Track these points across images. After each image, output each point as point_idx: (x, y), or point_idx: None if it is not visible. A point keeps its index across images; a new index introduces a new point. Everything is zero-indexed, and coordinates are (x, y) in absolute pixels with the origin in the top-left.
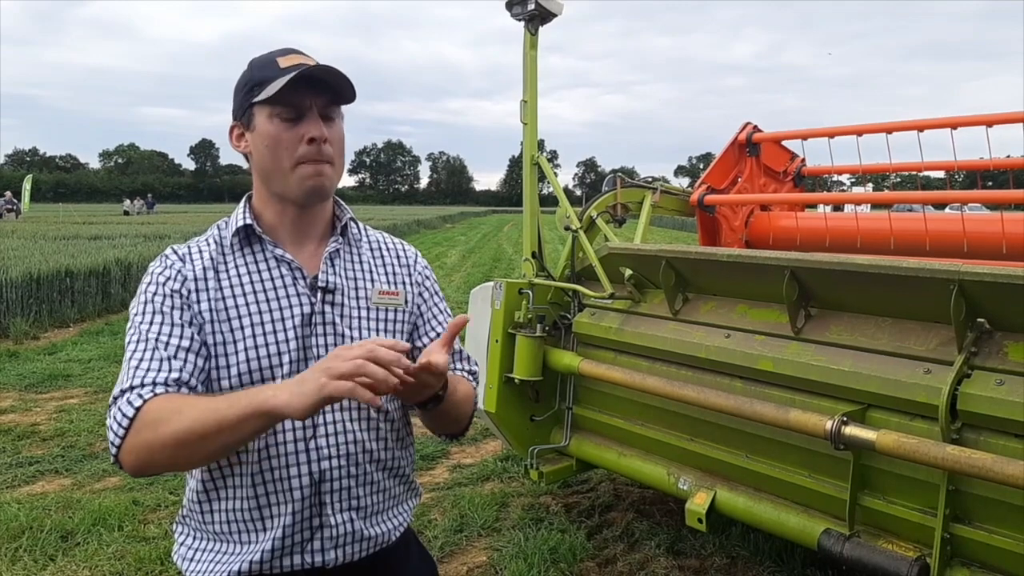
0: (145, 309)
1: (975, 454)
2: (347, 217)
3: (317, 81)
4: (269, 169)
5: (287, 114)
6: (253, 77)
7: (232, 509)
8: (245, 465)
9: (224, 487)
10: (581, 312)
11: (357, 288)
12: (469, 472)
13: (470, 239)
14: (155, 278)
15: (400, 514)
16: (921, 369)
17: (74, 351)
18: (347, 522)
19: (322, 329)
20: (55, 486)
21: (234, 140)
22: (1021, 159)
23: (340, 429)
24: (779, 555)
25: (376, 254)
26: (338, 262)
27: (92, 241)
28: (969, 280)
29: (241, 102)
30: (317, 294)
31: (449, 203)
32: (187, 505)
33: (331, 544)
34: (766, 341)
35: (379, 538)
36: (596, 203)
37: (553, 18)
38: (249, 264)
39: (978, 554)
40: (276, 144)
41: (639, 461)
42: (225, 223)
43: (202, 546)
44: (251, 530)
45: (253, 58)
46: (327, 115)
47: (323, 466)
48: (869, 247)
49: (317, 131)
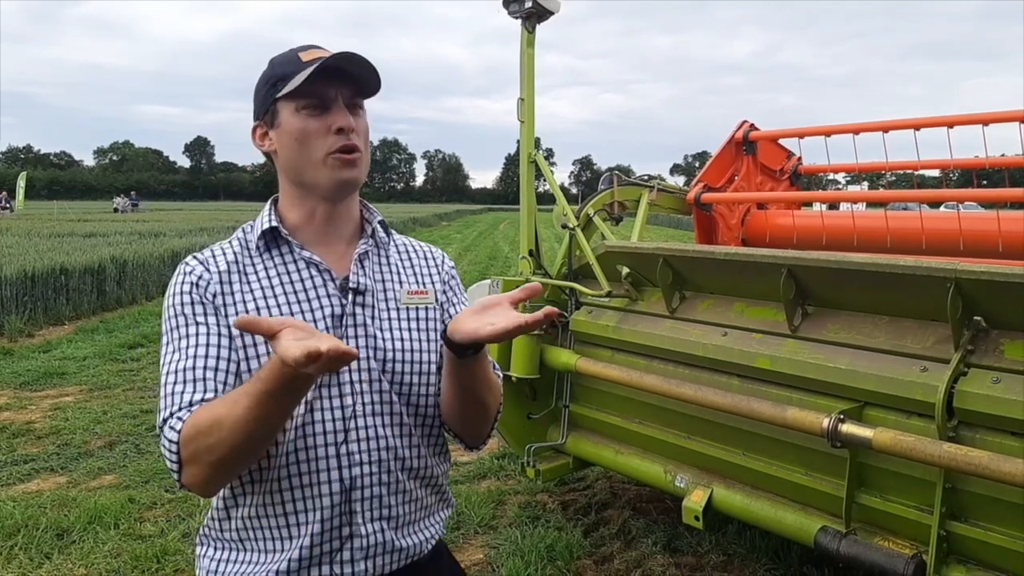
0: (173, 328)
1: (971, 452)
2: (376, 220)
3: (342, 72)
4: (298, 164)
5: (313, 106)
6: (275, 73)
7: (259, 516)
8: (274, 470)
9: (252, 492)
10: (578, 310)
11: (386, 289)
12: (466, 470)
13: (466, 237)
14: (177, 289)
15: (432, 525)
16: (918, 367)
17: (69, 349)
18: (378, 532)
19: (353, 331)
20: (50, 484)
21: (257, 140)
22: (1017, 158)
23: (372, 435)
24: (776, 552)
25: (404, 256)
26: (368, 263)
27: (87, 239)
28: (965, 278)
29: (264, 100)
30: (348, 295)
31: (445, 201)
32: (211, 515)
33: (361, 555)
34: (763, 339)
35: (411, 550)
36: (593, 201)
37: (550, 16)
38: (278, 266)
39: (974, 551)
40: (304, 136)
41: (636, 459)
42: (251, 226)
43: (226, 556)
44: (278, 537)
45: (273, 56)
46: (353, 104)
47: (354, 472)
48: (865, 245)
49: (344, 121)
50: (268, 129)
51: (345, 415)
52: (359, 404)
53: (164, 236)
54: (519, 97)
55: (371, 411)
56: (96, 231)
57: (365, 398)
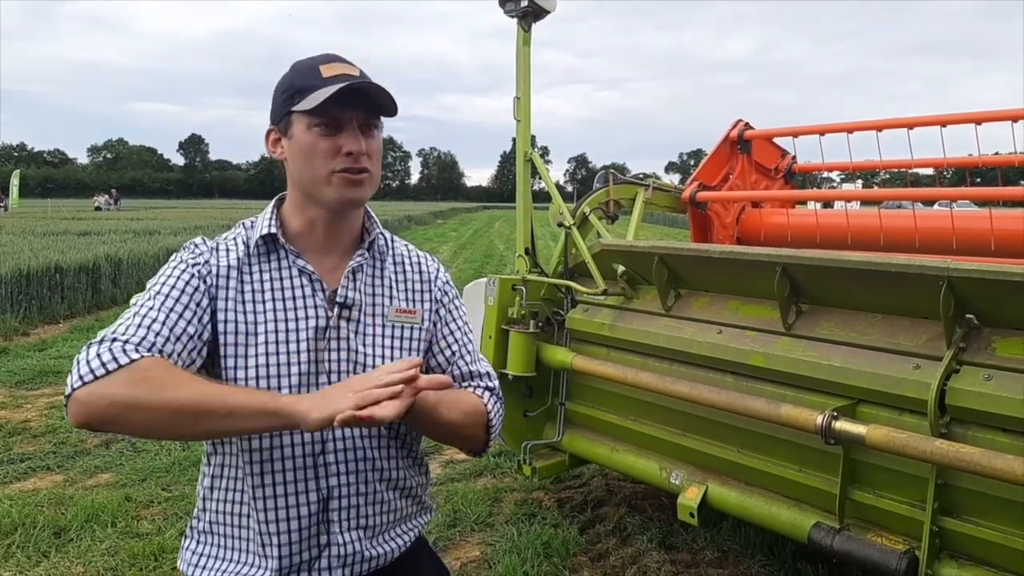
0: (167, 281)
1: (963, 448)
2: (376, 231)
3: (361, 93)
4: (305, 178)
5: (326, 124)
6: (294, 84)
7: (239, 526)
8: (253, 478)
9: (232, 501)
10: (574, 308)
11: (375, 304)
12: (462, 467)
13: (461, 235)
14: (185, 258)
15: (409, 531)
16: (911, 364)
17: (64, 347)
18: (355, 541)
19: (335, 344)
20: (47, 483)
21: (270, 145)
22: (1009, 156)
23: (350, 446)
24: (770, 548)
25: (399, 269)
26: (360, 276)
27: (81, 237)
28: (958, 276)
29: (280, 108)
30: (334, 308)
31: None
32: (196, 515)
33: (338, 563)
34: (758, 337)
35: (388, 556)
36: (589, 199)
37: (546, 15)
38: (273, 271)
39: (966, 547)
40: (312, 154)
41: (631, 456)
42: (251, 223)
43: (209, 552)
44: (257, 544)
45: (296, 61)
46: (368, 125)
47: (331, 483)
48: (859, 244)
49: (355, 145)
50: (281, 137)
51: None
52: None
53: (159, 234)
54: (515, 96)
55: None
56: (90, 229)
57: None
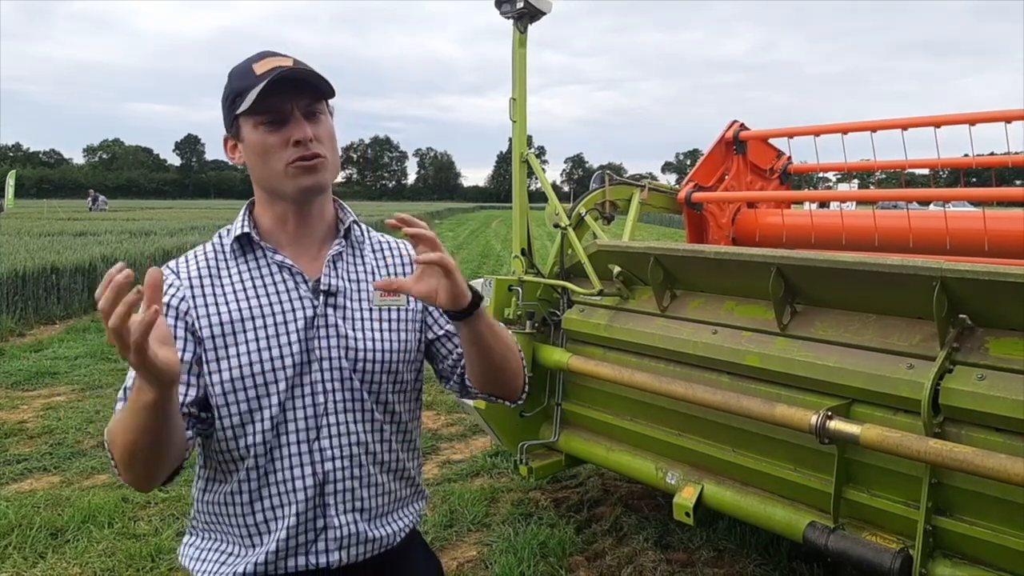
0: None
1: (957, 448)
2: (350, 220)
3: (296, 81)
4: (264, 176)
5: (270, 120)
6: (234, 88)
7: (237, 515)
8: (250, 467)
9: (229, 490)
10: (570, 308)
11: (360, 290)
12: (459, 468)
13: (458, 235)
14: None
15: (405, 516)
16: (904, 364)
17: (60, 348)
18: (351, 523)
19: (325, 332)
20: (44, 484)
21: (229, 152)
22: (1003, 157)
23: (344, 431)
24: (765, 548)
25: (379, 255)
26: (340, 264)
27: (77, 237)
28: (951, 277)
29: (227, 115)
30: (320, 297)
31: (436, 199)
32: (195, 507)
33: (335, 545)
34: (753, 337)
35: (384, 540)
36: (585, 200)
37: (542, 16)
38: (252, 270)
39: (960, 546)
40: (264, 151)
41: (628, 456)
42: (228, 231)
43: (209, 546)
44: (256, 533)
45: (232, 68)
46: (311, 112)
47: (326, 467)
48: (854, 244)
49: (301, 133)
50: (236, 142)
51: (317, 412)
52: (330, 401)
53: (155, 235)
54: (511, 97)
55: (342, 408)
56: (87, 230)
57: (336, 396)
